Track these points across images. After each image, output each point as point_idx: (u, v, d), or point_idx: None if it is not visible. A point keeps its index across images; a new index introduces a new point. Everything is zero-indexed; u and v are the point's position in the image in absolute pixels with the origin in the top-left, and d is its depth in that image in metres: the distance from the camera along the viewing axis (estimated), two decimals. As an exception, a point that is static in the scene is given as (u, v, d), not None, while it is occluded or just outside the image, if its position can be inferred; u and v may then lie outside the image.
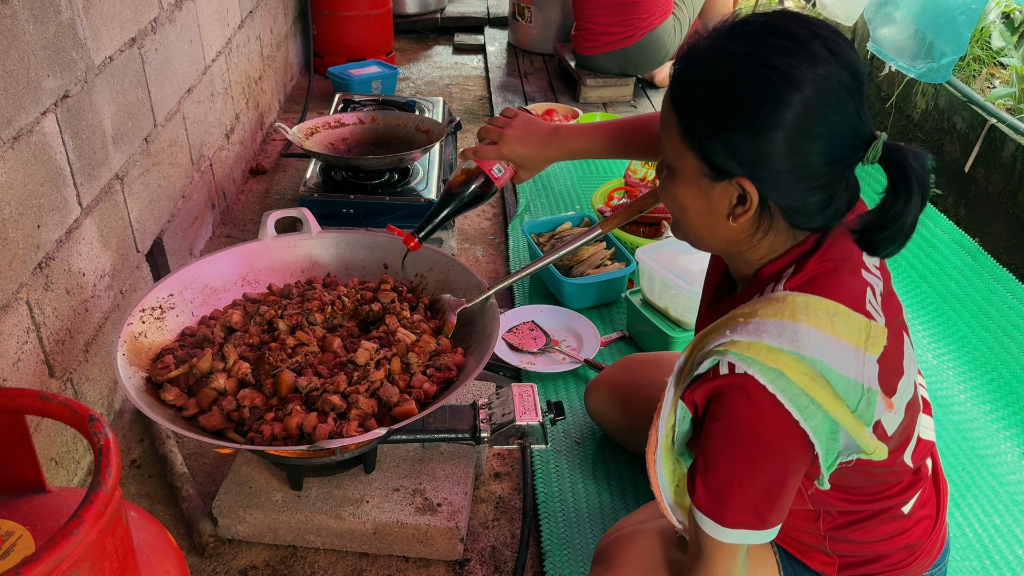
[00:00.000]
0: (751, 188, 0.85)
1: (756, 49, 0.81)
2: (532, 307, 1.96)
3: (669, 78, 0.91)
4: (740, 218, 0.88)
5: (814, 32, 0.82)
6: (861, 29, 3.12)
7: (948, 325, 1.91)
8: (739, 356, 0.84)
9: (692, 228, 0.94)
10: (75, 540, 0.63)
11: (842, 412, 0.84)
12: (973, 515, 1.45)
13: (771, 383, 0.83)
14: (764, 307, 0.87)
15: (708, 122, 0.84)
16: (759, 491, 0.86)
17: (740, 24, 0.84)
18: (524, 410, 1.34)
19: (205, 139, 2.19)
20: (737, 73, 0.82)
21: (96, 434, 0.72)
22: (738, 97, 0.82)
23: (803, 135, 0.81)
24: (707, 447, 0.88)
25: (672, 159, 0.91)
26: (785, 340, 0.83)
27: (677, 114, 0.88)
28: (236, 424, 1.20)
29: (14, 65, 1.22)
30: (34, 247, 1.30)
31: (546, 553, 1.35)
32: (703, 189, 0.89)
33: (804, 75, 0.79)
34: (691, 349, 0.94)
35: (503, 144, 1.27)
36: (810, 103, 0.80)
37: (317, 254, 1.57)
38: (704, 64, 0.85)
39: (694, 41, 0.88)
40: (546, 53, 3.84)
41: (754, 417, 0.84)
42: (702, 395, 0.89)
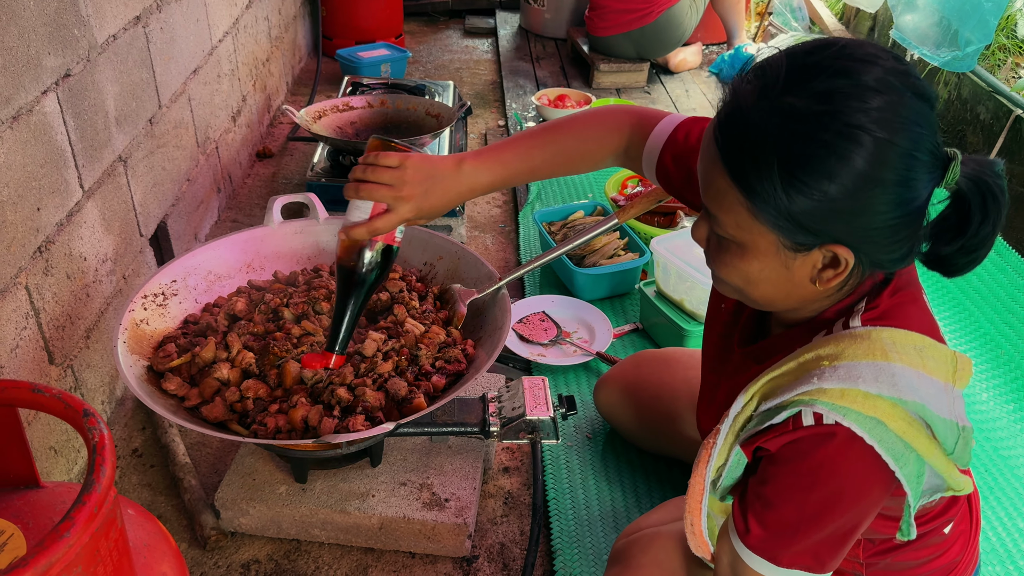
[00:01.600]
0: (846, 252, 0.76)
1: (828, 103, 0.71)
2: (543, 297, 1.92)
3: (718, 143, 0.77)
4: (830, 282, 0.79)
5: (883, 68, 0.72)
6: (883, 16, 3.05)
7: (971, 321, 1.86)
8: (831, 406, 0.76)
9: (762, 295, 0.84)
10: (66, 544, 0.59)
11: (936, 455, 0.78)
12: (996, 518, 1.41)
13: (869, 433, 0.75)
14: (850, 347, 0.78)
15: (788, 196, 0.73)
16: (825, 536, 0.80)
17: (798, 73, 0.73)
18: (535, 404, 1.30)
19: (211, 121, 2.15)
20: (814, 136, 0.71)
21: (91, 430, 0.68)
22: (820, 163, 0.71)
23: (901, 186, 0.73)
24: (769, 489, 0.81)
25: (737, 235, 0.79)
26: (884, 385, 0.76)
27: (743, 191, 0.76)
28: (239, 416, 1.17)
29: (13, 42, 1.18)
30: (34, 230, 1.26)
31: (556, 551, 1.32)
32: (782, 261, 0.79)
33: (891, 123, 0.70)
34: (754, 394, 0.84)
35: (405, 209, 1.01)
36: (902, 152, 0.71)
37: (324, 241, 1.53)
38: (768, 129, 0.73)
39: (738, 98, 0.76)
40: (558, 37, 3.77)
41: (842, 468, 0.77)
42: (777, 446, 0.80)
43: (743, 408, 0.85)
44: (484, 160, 1.06)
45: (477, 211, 2.40)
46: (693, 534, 0.92)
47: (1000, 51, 2.65)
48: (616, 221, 1.36)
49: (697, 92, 3.23)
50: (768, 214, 0.75)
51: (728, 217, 0.79)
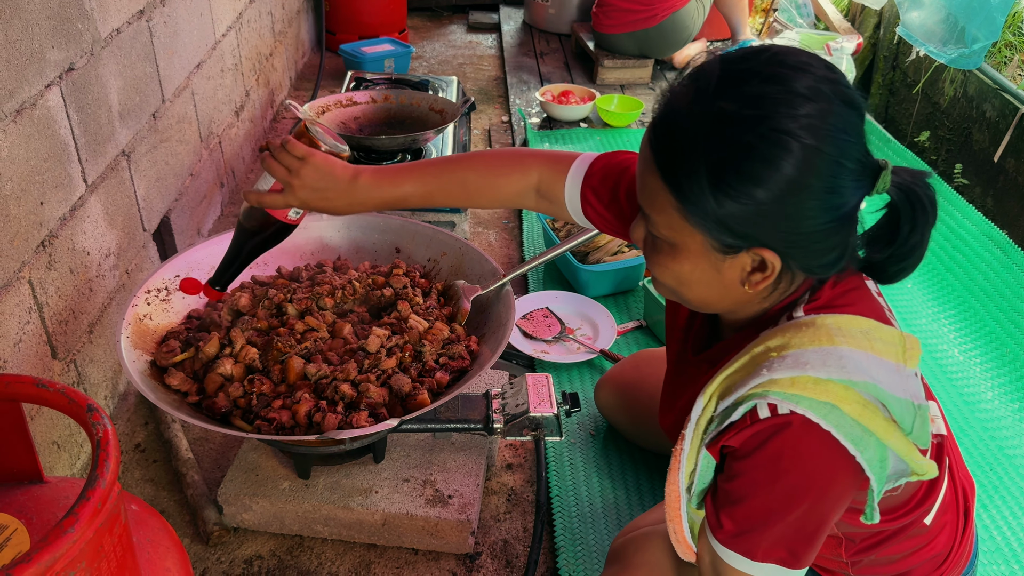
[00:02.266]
0: (772, 256, 0.78)
1: (758, 108, 0.72)
2: (546, 293, 1.91)
3: (652, 147, 0.79)
4: (758, 285, 0.81)
5: (812, 76, 0.73)
6: (889, 12, 3.03)
7: (975, 320, 1.85)
8: (783, 395, 0.77)
9: (696, 297, 0.86)
10: (70, 539, 0.59)
11: (895, 437, 0.78)
12: (1001, 517, 1.41)
13: (824, 419, 0.76)
14: (796, 336, 0.79)
15: (715, 198, 0.74)
16: (796, 529, 0.80)
17: (729, 80, 0.74)
18: (539, 401, 1.30)
19: (214, 116, 2.15)
20: (741, 141, 0.72)
21: (94, 425, 0.68)
22: (747, 167, 0.73)
23: (826, 193, 0.74)
24: (736, 484, 0.81)
25: (669, 236, 0.81)
26: (832, 368, 0.76)
27: (674, 192, 0.77)
28: (243, 411, 1.17)
29: (17, 35, 1.17)
30: (37, 225, 1.26)
31: (559, 549, 1.32)
32: (712, 263, 0.80)
33: (808, 128, 0.72)
34: (711, 395, 0.85)
35: (290, 195, 1.06)
36: (828, 159, 0.73)
37: (328, 236, 1.52)
38: (698, 133, 0.74)
39: (672, 101, 0.77)
40: (562, 33, 3.76)
41: (802, 456, 0.77)
42: (739, 442, 0.81)
43: (703, 410, 0.86)
44: (380, 178, 1.08)
45: (480, 207, 2.40)
46: (678, 541, 0.92)
47: (1007, 48, 2.63)
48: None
49: (701, 89, 3.22)
50: (697, 216, 0.77)
51: (660, 217, 0.80)
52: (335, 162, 1.07)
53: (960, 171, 2.52)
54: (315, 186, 1.05)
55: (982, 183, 2.43)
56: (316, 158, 1.06)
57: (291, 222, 1.13)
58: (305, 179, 1.05)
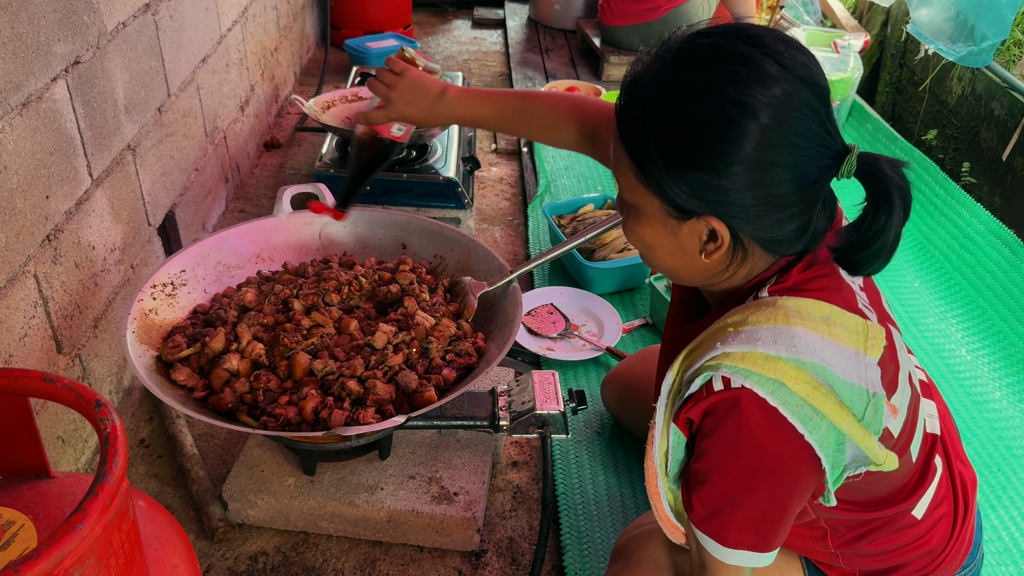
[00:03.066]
0: (720, 226, 0.80)
1: (706, 80, 0.75)
2: (551, 289, 1.90)
3: (616, 110, 0.83)
4: (713, 255, 0.83)
5: (767, 50, 0.75)
6: (897, 10, 3.02)
7: (983, 319, 1.84)
8: (734, 369, 0.78)
9: (663, 265, 0.89)
10: (78, 536, 0.59)
11: (848, 421, 0.79)
12: (1009, 517, 1.40)
13: (771, 395, 0.77)
14: (754, 314, 0.81)
15: (664, 163, 0.78)
16: (760, 510, 0.81)
17: (688, 49, 0.77)
18: (545, 398, 1.29)
19: (219, 110, 2.14)
20: (688, 109, 0.75)
21: (103, 420, 0.67)
22: (693, 135, 0.75)
23: (769, 165, 0.75)
24: (702, 464, 0.82)
25: (631, 199, 0.84)
26: (782, 347, 0.78)
27: (629, 154, 0.81)
28: (249, 407, 1.16)
29: (24, 28, 1.17)
30: (42, 218, 1.25)
31: (565, 547, 1.31)
32: (669, 229, 0.83)
33: (760, 101, 0.73)
34: (678, 368, 0.87)
35: (391, 107, 1.20)
36: (770, 130, 0.74)
37: (333, 232, 1.52)
38: (652, 99, 0.78)
39: (639, 68, 0.81)
40: (568, 29, 3.75)
41: (754, 432, 0.78)
42: (697, 414, 0.82)
43: (673, 384, 0.88)
44: (464, 95, 1.20)
45: (486, 204, 2.39)
46: (661, 519, 0.93)
47: (1016, 46, 2.62)
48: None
49: (707, 86, 3.21)
50: (649, 179, 0.80)
51: (623, 180, 0.84)
52: (427, 77, 1.20)
53: (968, 169, 2.51)
54: (410, 97, 1.18)
55: (990, 182, 2.42)
56: (411, 72, 1.19)
57: (395, 138, 1.26)
58: (401, 91, 1.18)
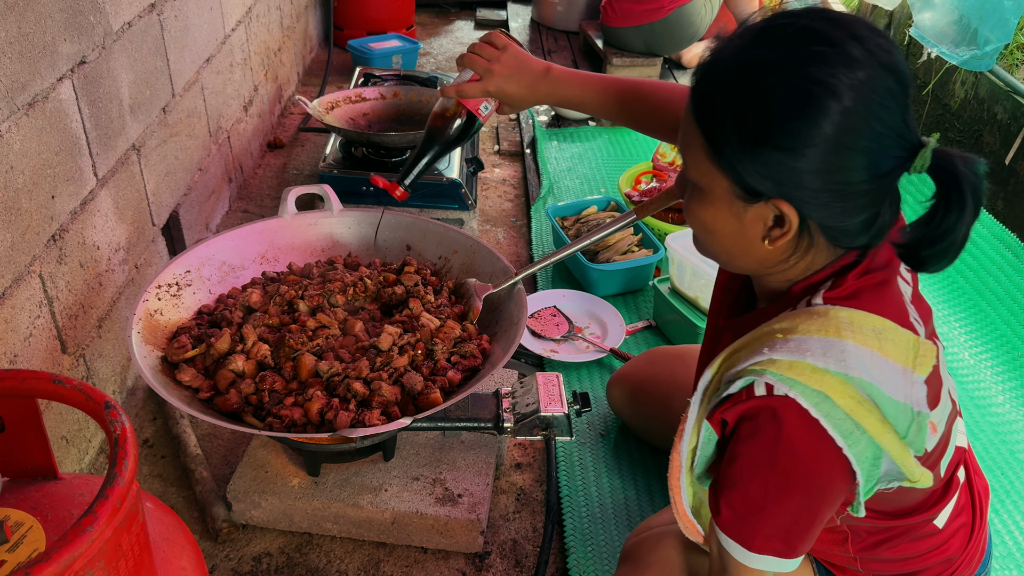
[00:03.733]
0: (790, 211, 0.77)
1: (790, 57, 0.73)
2: (554, 291, 1.90)
3: (691, 87, 0.81)
4: (777, 241, 0.80)
5: (852, 33, 0.73)
6: (900, 14, 3.02)
7: (987, 323, 1.84)
8: (779, 377, 0.77)
9: (722, 250, 0.87)
10: (89, 538, 0.59)
11: (889, 438, 0.78)
12: (1012, 521, 1.40)
13: (815, 407, 0.76)
14: (805, 322, 0.80)
15: (739, 141, 0.76)
16: (790, 519, 0.80)
17: (770, 28, 0.75)
18: (549, 400, 1.29)
19: (223, 111, 2.14)
20: (770, 86, 0.73)
21: (112, 422, 0.67)
22: (773, 113, 0.73)
23: (846, 150, 0.73)
24: (735, 468, 0.81)
25: (697, 178, 0.82)
26: (831, 359, 0.76)
27: (702, 130, 0.79)
28: (254, 408, 1.16)
29: (30, 27, 1.17)
30: (48, 218, 1.25)
31: (569, 549, 1.31)
32: (735, 212, 0.81)
33: (843, 83, 0.71)
34: (718, 366, 0.86)
35: (489, 80, 1.16)
36: (852, 114, 0.72)
37: (338, 233, 1.52)
38: (732, 75, 0.76)
39: (718, 46, 0.79)
40: (570, 31, 3.75)
41: (793, 442, 0.77)
42: (734, 416, 0.81)
43: (710, 381, 0.87)
44: (569, 76, 1.17)
45: (489, 205, 2.39)
46: (678, 513, 0.93)
47: (1019, 50, 2.62)
48: (634, 217, 1.34)
49: (710, 88, 3.20)
50: (721, 158, 0.78)
51: (691, 158, 0.82)
52: (529, 55, 1.18)
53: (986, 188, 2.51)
54: (512, 72, 1.15)
55: (993, 185, 2.42)
56: (515, 48, 1.17)
57: (481, 116, 1.21)
58: (505, 64, 1.15)
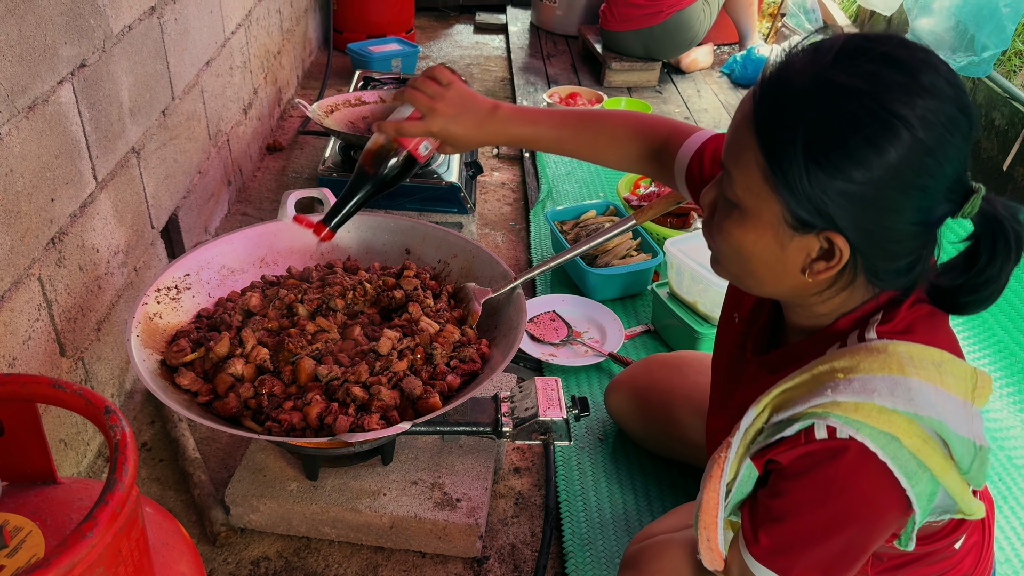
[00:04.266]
0: (844, 245, 0.74)
1: (872, 85, 0.69)
2: (554, 296, 1.91)
3: (754, 102, 0.76)
4: (820, 275, 0.77)
5: (931, 66, 0.71)
6: (898, 19, 3.03)
7: (984, 328, 1.85)
8: (844, 419, 0.74)
9: (750, 274, 0.83)
10: (88, 544, 0.58)
11: (950, 475, 0.76)
12: (1011, 528, 1.40)
13: (882, 449, 0.73)
14: (866, 360, 0.76)
15: (806, 165, 0.71)
16: (835, 554, 0.79)
17: (850, 52, 0.71)
18: (548, 405, 1.29)
19: (223, 114, 2.14)
20: (850, 113, 0.69)
21: (112, 427, 0.67)
22: (849, 141, 0.69)
23: (914, 189, 0.71)
24: (782, 502, 0.79)
25: (744, 198, 0.77)
26: (900, 399, 0.74)
27: (764, 148, 0.74)
28: (253, 412, 1.16)
29: (31, 30, 1.17)
30: (47, 221, 1.25)
31: (568, 554, 1.31)
32: (779, 238, 0.77)
33: (922, 120, 0.69)
34: (765, 406, 0.83)
35: (432, 120, 1.09)
36: (927, 152, 0.69)
37: (338, 236, 1.50)
38: (806, 95, 0.71)
39: (786, 63, 0.75)
40: (570, 35, 3.75)
41: (856, 484, 0.75)
42: (789, 459, 0.78)
43: (754, 420, 0.83)
44: (519, 114, 1.13)
45: (488, 208, 2.39)
46: (710, 549, 0.90)
47: (1016, 56, 2.63)
48: (634, 222, 1.35)
49: (709, 92, 3.22)
50: (780, 180, 0.73)
51: (741, 176, 0.77)
52: (476, 93, 1.13)
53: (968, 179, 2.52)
54: (457, 111, 1.10)
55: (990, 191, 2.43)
56: (460, 85, 1.12)
57: (419, 157, 1.14)
58: (449, 103, 1.09)
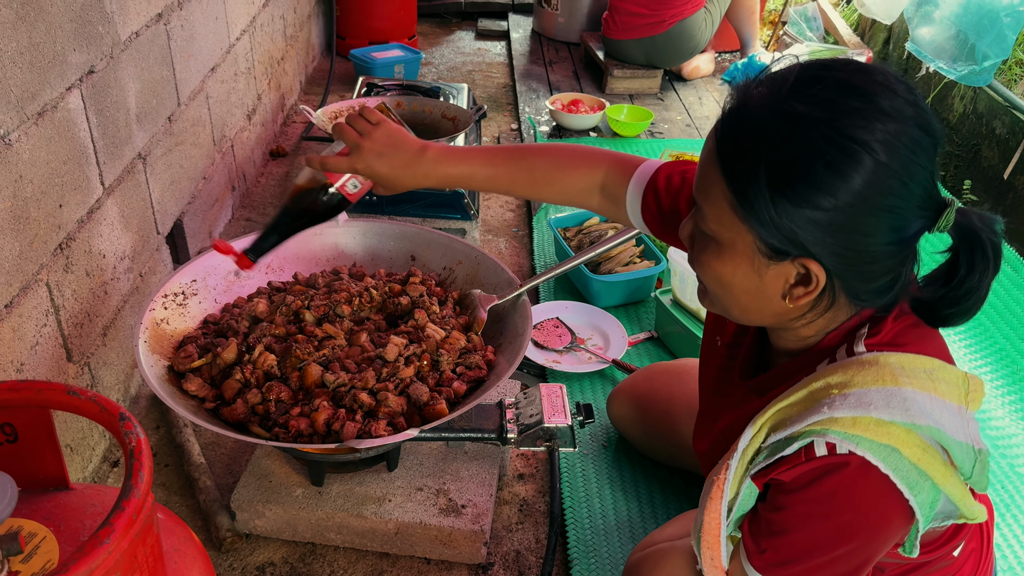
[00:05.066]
0: (818, 270, 0.75)
1: (830, 113, 0.70)
2: (557, 303, 1.91)
3: (716, 137, 0.78)
4: (799, 300, 0.78)
5: (887, 88, 0.72)
6: (899, 28, 3.05)
7: (985, 336, 1.86)
8: (843, 435, 0.75)
9: (735, 304, 0.83)
10: (106, 550, 0.59)
11: (952, 481, 0.77)
12: (1012, 535, 1.41)
13: (884, 461, 0.74)
14: (859, 374, 0.77)
15: (772, 197, 0.72)
16: (839, 565, 0.79)
17: (805, 80, 0.72)
18: (553, 411, 1.30)
19: (227, 119, 2.15)
20: (810, 142, 0.70)
21: (127, 434, 0.68)
22: (811, 170, 0.70)
23: (883, 211, 0.72)
24: (782, 516, 0.80)
25: (717, 232, 0.79)
26: (896, 410, 0.74)
27: (729, 183, 0.75)
28: (261, 418, 1.16)
29: (40, 37, 1.18)
30: (55, 227, 1.25)
31: (573, 561, 1.31)
32: (756, 268, 0.78)
33: (880, 139, 0.70)
34: (761, 426, 0.83)
35: (357, 158, 1.08)
36: (888, 171, 0.70)
37: (343, 243, 1.52)
38: (766, 128, 0.72)
39: (743, 95, 0.76)
40: (571, 42, 3.77)
41: (858, 497, 0.76)
42: (790, 477, 0.79)
43: (751, 440, 0.84)
44: (449, 153, 1.10)
45: (491, 215, 2.40)
46: (714, 568, 0.90)
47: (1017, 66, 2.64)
48: (638, 230, 1.35)
49: (710, 100, 3.23)
50: (748, 213, 0.74)
51: (712, 210, 0.78)
52: (406, 133, 1.10)
53: (969, 187, 2.53)
54: (383, 150, 1.07)
55: (991, 200, 2.44)
56: (390, 125, 1.09)
57: (347, 195, 1.12)
58: (375, 141, 1.07)
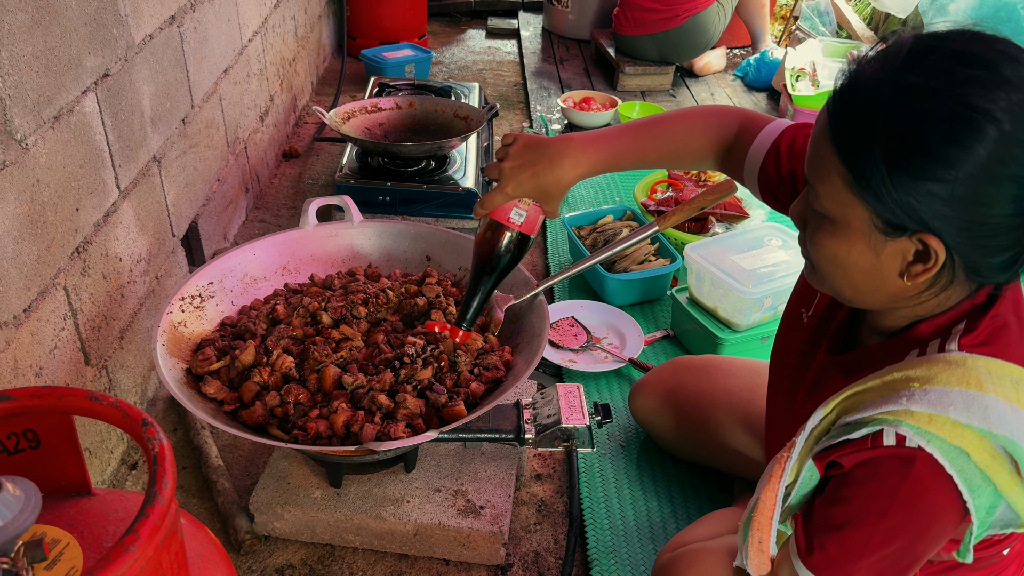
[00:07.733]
0: (938, 245, 0.72)
1: (946, 83, 0.68)
2: (572, 302, 1.90)
3: (828, 113, 0.76)
4: (918, 277, 0.75)
5: (1007, 55, 0.69)
6: (913, 21, 3.02)
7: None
8: (916, 429, 0.74)
9: (849, 285, 0.81)
10: (131, 557, 0.58)
11: (1016, 492, 0.76)
12: None
13: (951, 461, 0.73)
14: (943, 372, 0.76)
15: (888, 171, 0.70)
16: (892, 562, 0.78)
17: (919, 51, 0.70)
18: (571, 411, 1.29)
19: (240, 121, 2.15)
20: (926, 113, 0.68)
21: (150, 440, 0.67)
22: (928, 141, 0.68)
23: (1006, 180, 0.69)
24: (841, 511, 0.79)
25: (831, 209, 0.77)
26: (975, 415, 0.73)
27: (843, 159, 0.73)
28: (279, 420, 1.16)
29: (56, 41, 1.18)
30: (72, 231, 1.25)
31: (592, 562, 1.30)
32: (872, 245, 0.76)
33: (1001, 107, 0.67)
34: (834, 407, 0.82)
35: (505, 182, 1.06)
36: (1016, 144, 0.68)
37: (359, 244, 1.52)
38: (880, 100, 0.70)
39: (857, 70, 0.74)
40: (582, 39, 3.76)
41: (920, 494, 0.75)
42: (852, 461, 0.78)
43: (821, 421, 0.83)
44: (593, 138, 1.08)
45: (503, 214, 2.39)
46: (761, 551, 0.88)
47: (1034, 58, 2.61)
48: (656, 228, 1.34)
49: (722, 96, 3.21)
50: (864, 188, 0.73)
51: (825, 188, 0.77)
52: (543, 137, 1.09)
53: None
54: (523, 161, 1.05)
55: None
56: (523, 137, 1.07)
57: (514, 225, 1.11)
58: (514, 156, 1.06)
